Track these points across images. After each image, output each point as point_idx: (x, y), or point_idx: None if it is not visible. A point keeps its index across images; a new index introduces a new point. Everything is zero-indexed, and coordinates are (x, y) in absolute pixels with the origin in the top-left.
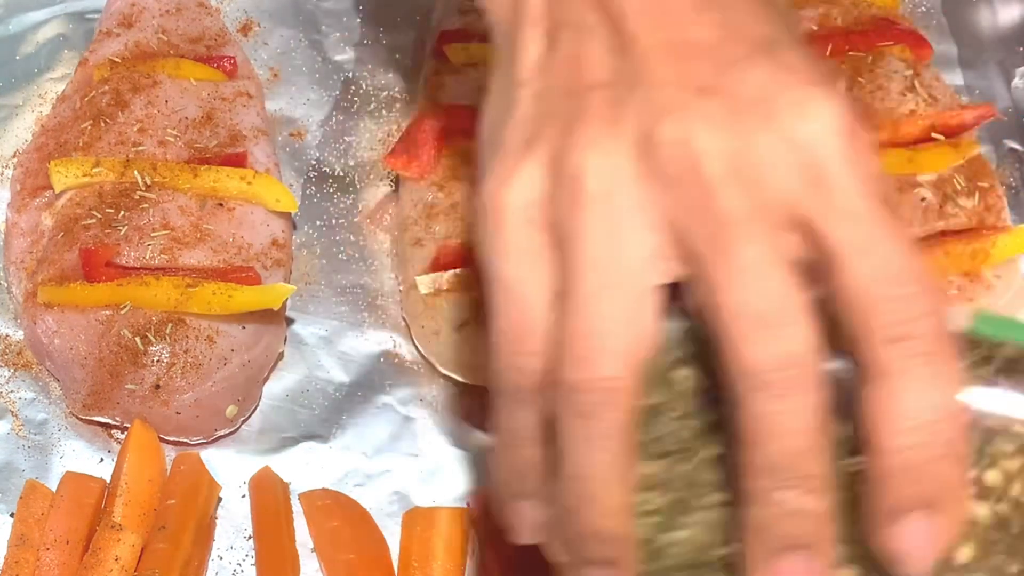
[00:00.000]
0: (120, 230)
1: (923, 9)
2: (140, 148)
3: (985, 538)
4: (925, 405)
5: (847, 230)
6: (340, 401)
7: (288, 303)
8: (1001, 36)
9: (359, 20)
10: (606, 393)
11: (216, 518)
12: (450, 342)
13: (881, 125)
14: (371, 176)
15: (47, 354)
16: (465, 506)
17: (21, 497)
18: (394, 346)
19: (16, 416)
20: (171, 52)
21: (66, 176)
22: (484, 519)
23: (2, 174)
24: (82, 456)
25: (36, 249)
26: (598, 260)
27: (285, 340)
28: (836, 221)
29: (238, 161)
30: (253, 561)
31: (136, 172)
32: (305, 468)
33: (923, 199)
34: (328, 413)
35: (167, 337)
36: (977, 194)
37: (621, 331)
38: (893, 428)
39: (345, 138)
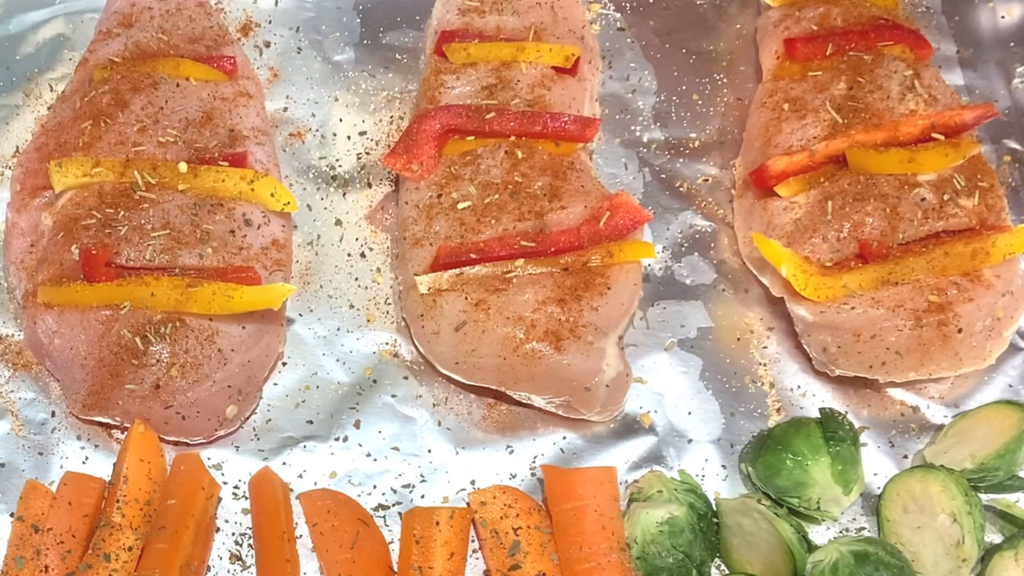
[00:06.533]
0: (120, 230)
1: (923, 9)
2: (140, 148)
3: None
4: None
5: None
6: (340, 401)
7: (288, 303)
8: (1001, 36)
9: (359, 20)
10: None
11: (216, 518)
12: (450, 342)
13: (881, 125)
14: (371, 176)
15: (47, 354)
16: (465, 506)
17: (21, 497)
18: (394, 346)
19: (16, 416)
20: (171, 52)
21: (66, 176)
22: None
23: (2, 174)
24: (82, 456)
25: (36, 249)
26: None
27: (285, 340)
28: None
29: (239, 161)
30: (253, 560)
31: (136, 172)
32: (305, 468)
33: (923, 199)
34: (328, 413)
35: (167, 337)
36: (977, 194)
37: None
38: None
39: (345, 138)
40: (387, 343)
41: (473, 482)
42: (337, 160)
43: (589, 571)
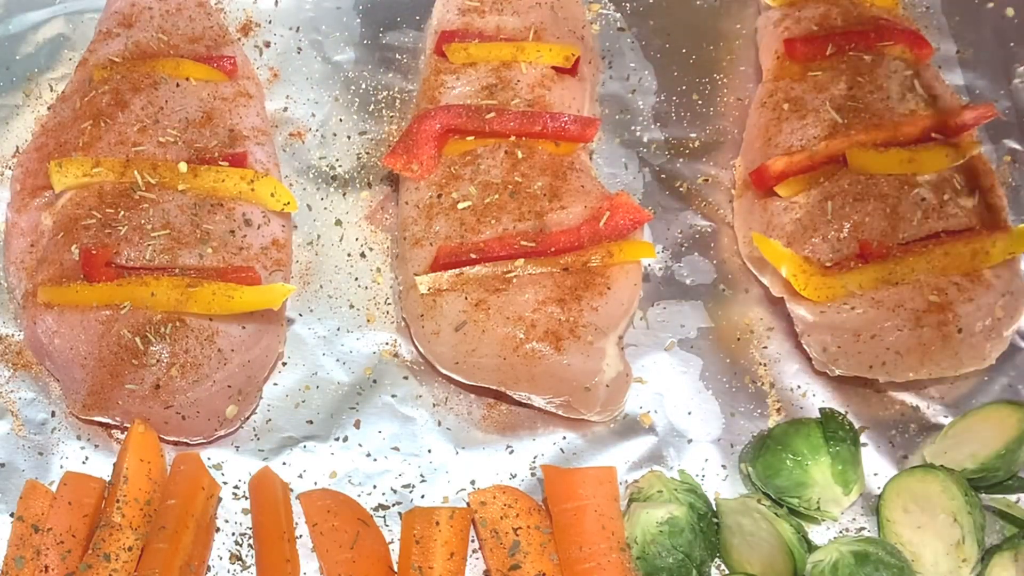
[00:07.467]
0: (120, 230)
1: (923, 9)
2: (140, 148)
3: None
4: None
5: None
6: (340, 401)
7: (288, 303)
8: (1001, 36)
9: (359, 20)
10: None
11: (216, 518)
12: (450, 342)
13: (881, 125)
14: (371, 176)
15: (47, 354)
16: (465, 506)
17: (21, 497)
18: (394, 346)
19: (16, 416)
20: (171, 52)
21: (66, 176)
22: None
23: (2, 174)
24: (82, 456)
25: (36, 249)
26: None
27: (285, 340)
28: None
29: (239, 161)
30: (253, 560)
31: (136, 172)
32: (305, 468)
33: (923, 199)
34: (328, 413)
35: (167, 337)
36: (977, 194)
37: None
38: None
39: (345, 138)
40: (387, 343)
41: (473, 482)
42: (337, 160)
43: (589, 571)
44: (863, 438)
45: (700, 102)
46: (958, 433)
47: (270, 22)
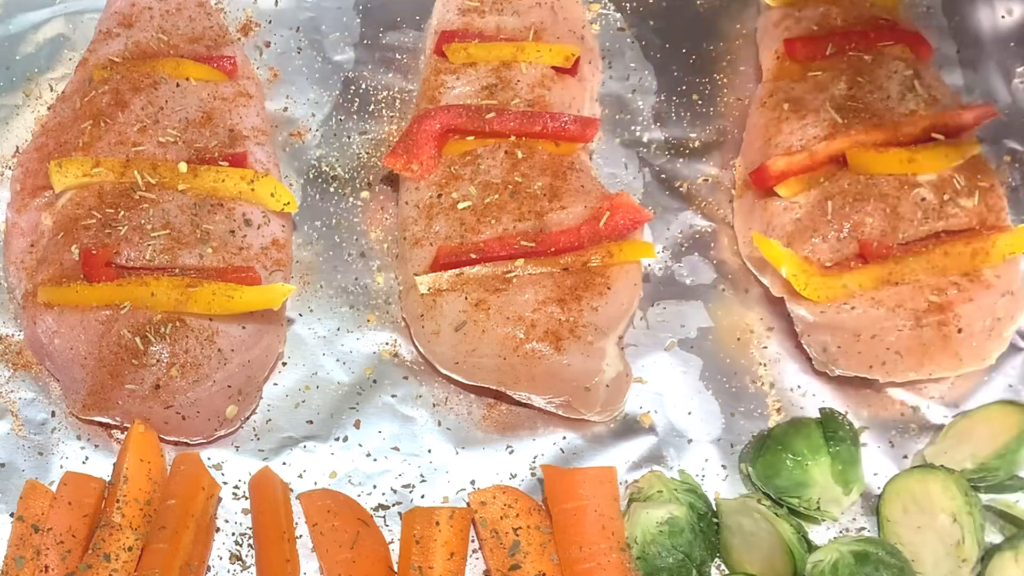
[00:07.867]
0: (120, 230)
1: (923, 9)
2: (140, 148)
3: None
4: None
5: None
6: (340, 401)
7: (288, 303)
8: (1001, 36)
9: (359, 20)
10: None
11: (216, 518)
12: (450, 342)
13: (881, 125)
14: (371, 176)
15: (47, 354)
16: (465, 506)
17: (21, 497)
18: (394, 346)
19: (16, 416)
20: (171, 52)
21: (66, 176)
22: None
23: (2, 174)
24: (82, 456)
25: (36, 249)
26: None
27: (285, 340)
28: None
29: (239, 161)
30: (253, 560)
31: (136, 172)
32: (305, 468)
33: (923, 199)
34: (328, 413)
35: (167, 337)
36: (977, 194)
37: None
38: None
39: (345, 138)
40: (387, 343)
41: (473, 482)
42: (337, 160)
43: (589, 571)
44: (863, 438)
45: (700, 102)
46: (958, 433)
47: (270, 22)
